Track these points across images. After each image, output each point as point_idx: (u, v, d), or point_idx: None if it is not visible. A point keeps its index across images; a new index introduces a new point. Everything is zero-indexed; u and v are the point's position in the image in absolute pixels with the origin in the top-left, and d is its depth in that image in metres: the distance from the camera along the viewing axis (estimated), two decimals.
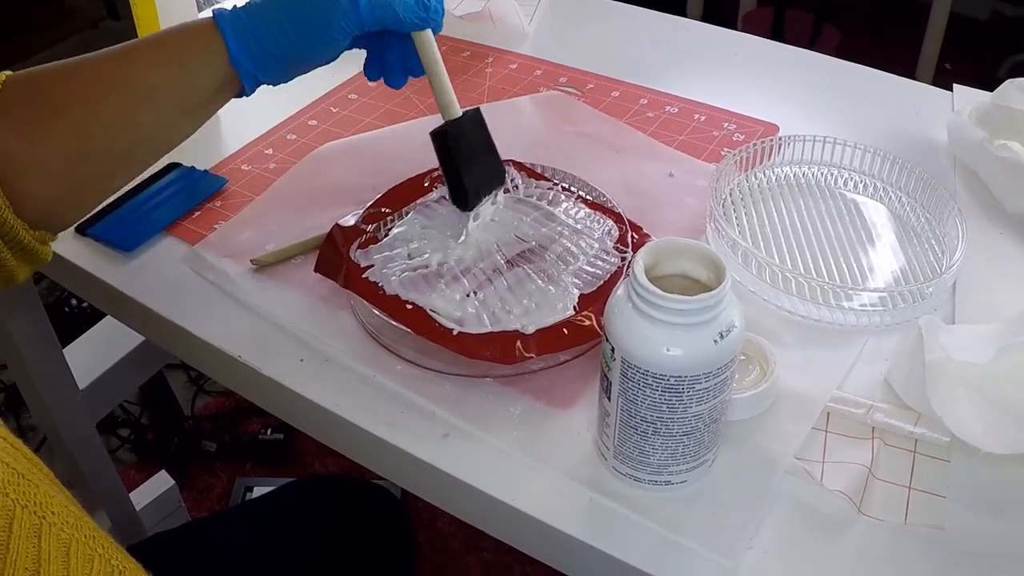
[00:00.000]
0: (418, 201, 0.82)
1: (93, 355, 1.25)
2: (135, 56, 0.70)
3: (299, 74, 0.74)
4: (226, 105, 0.74)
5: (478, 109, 0.76)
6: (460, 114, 0.75)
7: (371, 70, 0.79)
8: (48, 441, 1.49)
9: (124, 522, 1.39)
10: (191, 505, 1.67)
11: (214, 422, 1.83)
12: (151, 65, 0.70)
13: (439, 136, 0.75)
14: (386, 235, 0.78)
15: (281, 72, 0.73)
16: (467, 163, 0.75)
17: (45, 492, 0.52)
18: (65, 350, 1.19)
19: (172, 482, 1.49)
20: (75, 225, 0.86)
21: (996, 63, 2.70)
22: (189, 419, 1.84)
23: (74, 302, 1.85)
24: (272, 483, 1.66)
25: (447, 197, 0.77)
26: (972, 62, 2.72)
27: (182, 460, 1.75)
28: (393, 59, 0.77)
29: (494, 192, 0.78)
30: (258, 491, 1.67)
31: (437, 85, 0.74)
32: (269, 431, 1.77)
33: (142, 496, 1.46)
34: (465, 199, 0.75)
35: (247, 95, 0.74)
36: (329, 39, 0.70)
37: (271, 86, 0.74)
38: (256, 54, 0.70)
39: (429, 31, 0.73)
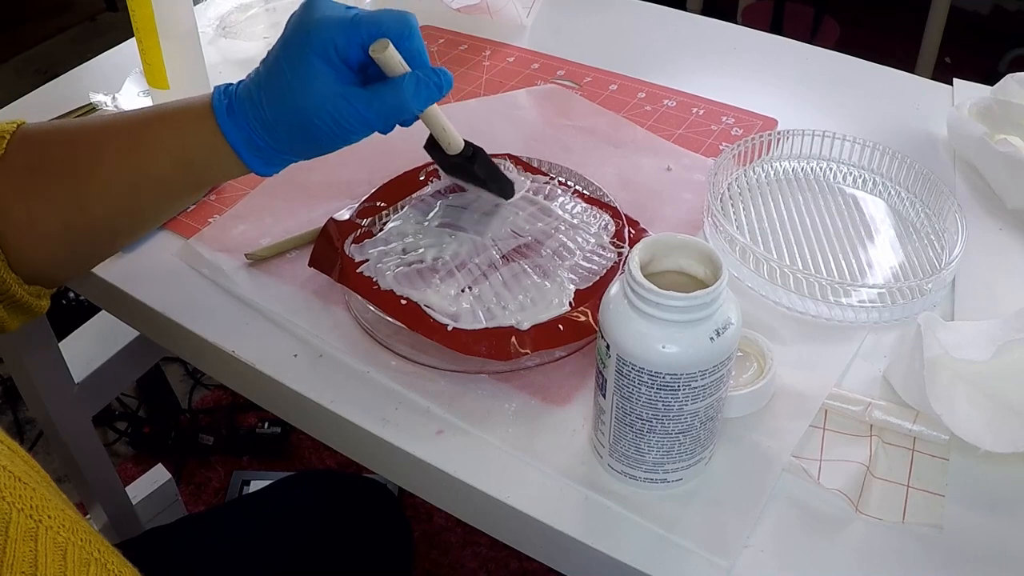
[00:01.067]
0: (413, 195, 0.81)
1: (89, 349, 1.25)
2: (143, 144, 0.69)
3: None
4: None
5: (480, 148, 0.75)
6: (462, 146, 0.74)
7: None
8: (45, 435, 1.48)
9: (120, 516, 1.38)
10: (188, 499, 1.67)
11: (211, 416, 1.83)
12: (157, 156, 0.68)
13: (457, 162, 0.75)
14: (381, 229, 0.78)
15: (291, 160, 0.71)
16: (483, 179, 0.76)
17: (41, 496, 0.52)
18: (61, 344, 1.18)
19: (169, 476, 1.49)
20: None
21: (997, 57, 2.69)
22: (186, 412, 1.83)
23: (71, 295, 1.85)
24: (269, 477, 1.65)
25: (443, 192, 0.77)
26: (973, 56, 2.71)
27: (179, 454, 1.75)
28: None
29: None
30: (255, 485, 1.67)
31: (438, 133, 0.73)
32: (266, 425, 1.77)
33: (138, 490, 1.45)
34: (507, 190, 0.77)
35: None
36: (343, 144, 0.68)
37: None
38: (269, 157, 0.69)
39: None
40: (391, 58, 0.65)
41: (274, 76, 0.65)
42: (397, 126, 0.69)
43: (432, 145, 0.75)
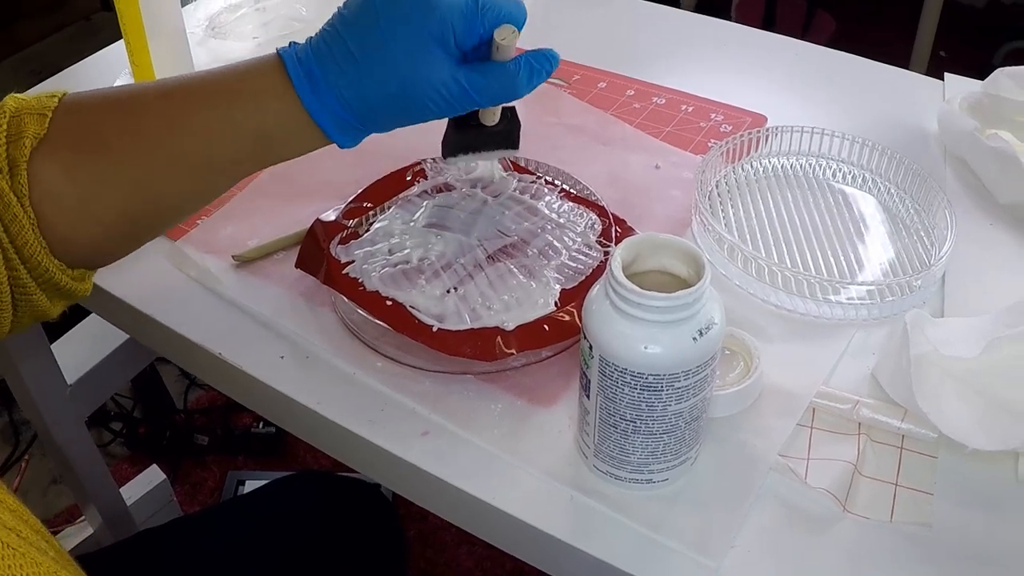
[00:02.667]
0: (400, 196, 0.81)
1: (81, 350, 1.24)
2: (214, 122, 0.64)
3: None
4: None
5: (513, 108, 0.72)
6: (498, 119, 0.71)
7: None
8: (39, 437, 1.48)
9: (115, 517, 1.38)
10: (183, 499, 1.67)
11: (206, 416, 1.82)
12: (232, 136, 0.64)
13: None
14: (367, 230, 0.77)
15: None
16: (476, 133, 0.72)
17: (32, 560, 0.48)
18: (53, 345, 1.18)
19: (163, 476, 1.48)
20: None
21: (992, 51, 2.68)
22: (181, 413, 1.83)
23: None
24: (265, 477, 1.65)
25: (429, 192, 0.76)
26: (968, 50, 2.71)
27: (174, 454, 1.75)
28: None
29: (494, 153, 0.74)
30: (251, 485, 1.67)
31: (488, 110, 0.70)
32: (261, 425, 1.77)
33: (133, 491, 1.45)
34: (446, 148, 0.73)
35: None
36: (440, 118, 0.66)
37: None
38: (356, 131, 0.65)
39: None
40: (513, 45, 0.63)
41: (376, 52, 0.61)
42: None
43: (459, 125, 0.71)
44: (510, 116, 0.72)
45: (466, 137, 0.72)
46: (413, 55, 0.61)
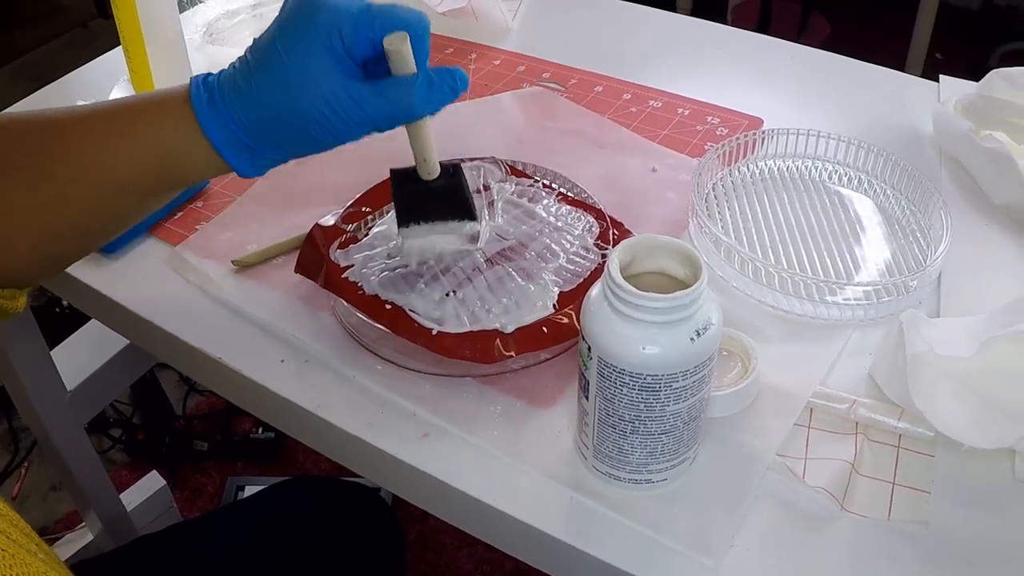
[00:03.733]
0: None
1: (81, 356, 1.25)
2: (112, 139, 0.63)
3: None
4: None
5: (459, 166, 0.71)
6: (436, 173, 0.70)
7: None
8: (38, 443, 1.48)
9: (115, 523, 1.38)
10: (183, 505, 1.67)
11: (206, 421, 1.83)
12: (128, 154, 0.63)
13: (397, 176, 0.71)
14: (366, 234, 0.78)
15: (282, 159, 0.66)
16: (419, 210, 0.72)
17: (22, 561, 0.48)
18: (53, 352, 1.18)
19: (163, 482, 1.49)
20: None
21: (987, 53, 2.69)
22: (180, 418, 1.83)
23: (65, 303, 1.85)
24: (264, 482, 1.65)
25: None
26: (962, 52, 2.71)
27: (174, 460, 1.75)
28: None
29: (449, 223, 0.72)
30: (250, 490, 1.67)
31: (419, 148, 0.68)
32: (261, 430, 1.77)
33: (133, 497, 1.45)
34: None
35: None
36: (338, 143, 0.64)
37: None
38: (254, 157, 0.64)
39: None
40: (406, 54, 0.61)
41: (267, 65, 0.60)
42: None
43: (401, 180, 0.71)
44: (452, 172, 0.70)
45: (411, 197, 0.71)
46: (303, 64, 0.59)
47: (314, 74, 0.59)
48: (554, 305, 0.70)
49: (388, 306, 0.71)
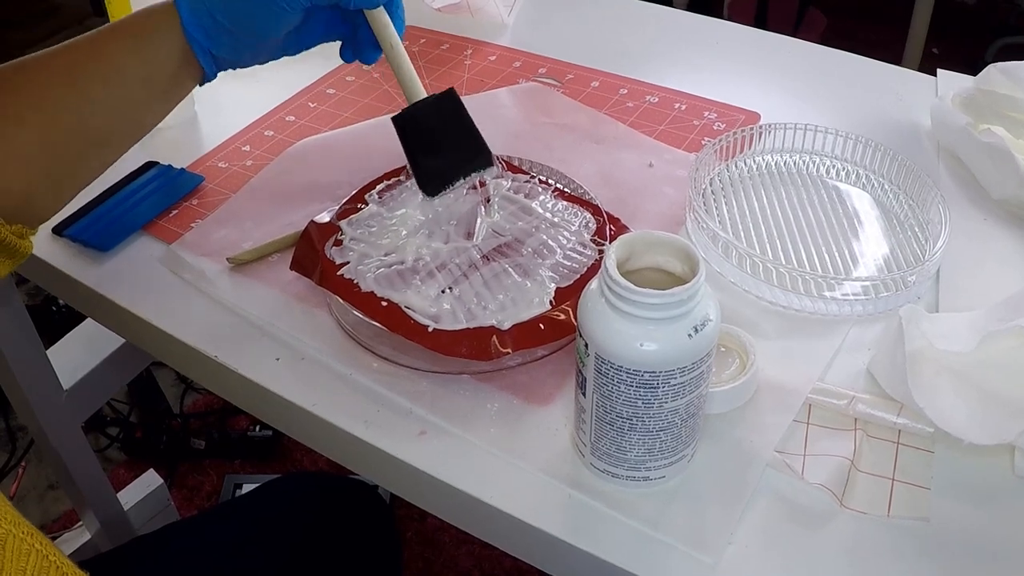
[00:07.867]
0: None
1: (77, 355, 1.25)
2: (97, 38, 0.71)
3: (258, 55, 0.75)
4: (203, 102, 0.73)
5: (451, 90, 0.74)
6: (423, 95, 0.73)
7: (345, 52, 0.80)
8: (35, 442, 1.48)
9: (112, 522, 1.38)
10: (180, 503, 1.67)
11: (203, 419, 1.82)
12: (110, 43, 0.70)
13: (399, 120, 0.74)
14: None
15: (233, 47, 0.72)
16: (430, 147, 0.73)
17: None
18: (49, 351, 1.18)
19: (160, 481, 1.48)
20: (52, 226, 0.85)
21: (984, 47, 2.69)
22: (178, 417, 1.83)
23: (61, 302, 1.84)
24: (261, 480, 1.65)
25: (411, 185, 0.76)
26: (960, 46, 2.71)
27: (171, 458, 1.75)
28: (364, 36, 0.77)
29: (471, 176, 0.75)
30: (247, 488, 1.67)
31: (395, 65, 0.73)
32: (258, 428, 1.77)
33: (130, 495, 1.45)
34: (427, 184, 0.74)
35: (210, 78, 0.74)
36: (278, 11, 0.69)
37: (233, 69, 0.74)
38: (208, 26, 0.70)
39: (382, 10, 0.73)
40: None
41: None
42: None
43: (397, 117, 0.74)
44: (447, 93, 0.74)
45: (419, 136, 0.74)
46: None
47: None
48: (551, 302, 0.70)
49: (384, 303, 0.70)
